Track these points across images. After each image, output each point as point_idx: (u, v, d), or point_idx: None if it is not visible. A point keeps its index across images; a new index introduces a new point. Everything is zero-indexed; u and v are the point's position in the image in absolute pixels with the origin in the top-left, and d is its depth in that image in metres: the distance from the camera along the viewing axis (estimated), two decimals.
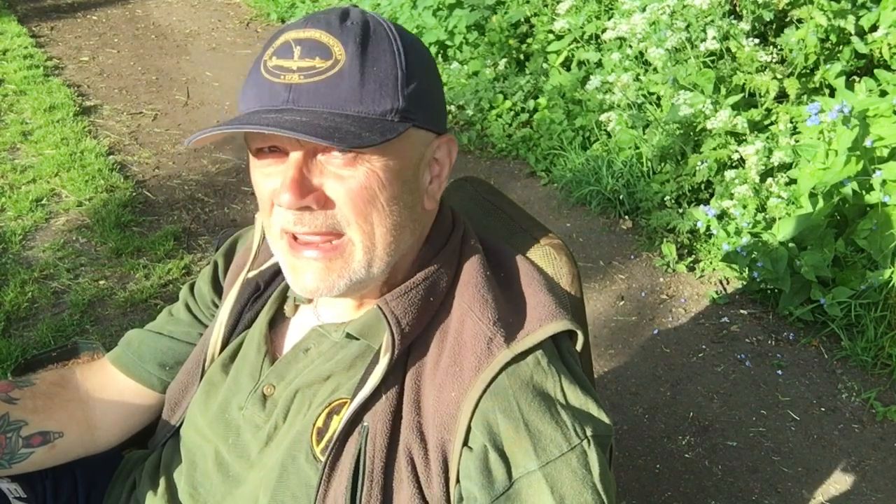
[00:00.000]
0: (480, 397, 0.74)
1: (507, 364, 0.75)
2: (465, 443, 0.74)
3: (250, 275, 0.96)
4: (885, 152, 2.23)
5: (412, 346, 0.80)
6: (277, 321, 0.95)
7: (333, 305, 0.89)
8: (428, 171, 0.80)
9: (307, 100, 0.71)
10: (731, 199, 2.49)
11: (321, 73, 0.71)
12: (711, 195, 2.70)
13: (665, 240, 2.63)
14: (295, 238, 0.77)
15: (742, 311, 2.35)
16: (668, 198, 2.70)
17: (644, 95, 2.92)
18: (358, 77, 0.71)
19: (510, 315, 0.79)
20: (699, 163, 2.61)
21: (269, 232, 0.80)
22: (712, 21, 2.72)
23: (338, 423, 0.80)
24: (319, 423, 0.82)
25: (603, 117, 2.96)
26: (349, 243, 0.76)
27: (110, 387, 1.01)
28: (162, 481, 0.95)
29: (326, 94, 0.71)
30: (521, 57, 3.77)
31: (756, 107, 2.72)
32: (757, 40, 2.69)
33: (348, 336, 0.84)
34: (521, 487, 0.72)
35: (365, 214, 0.74)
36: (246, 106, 0.75)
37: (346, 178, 0.73)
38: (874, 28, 2.59)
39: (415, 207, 0.79)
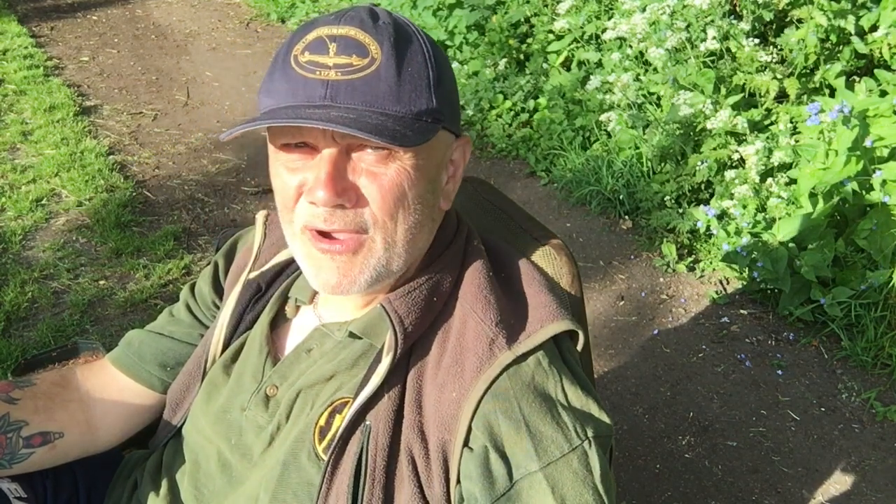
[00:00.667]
0: (482, 398, 0.74)
1: (509, 365, 0.75)
2: (466, 443, 0.74)
3: (251, 276, 0.96)
4: (885, 152, 2.23)
5: (414, 346, 0.80)
6: (279, 322, 0.95)
7: (336, 305, 0.89)
8: (446, 171, 0.82)
9: (346, 97, 0.71)
10: (731, 199, 2.49)
11: (359, 71, 0.71)
12: (711, 195, 2.70)
13: (665, 240, 2.63)
14: (320, 233, 0.76)
15: (742, 311, 2.35)
16: (668, 198, 2.70)
17: (644, 95, 2.92)
18: (395, 76, 0.72)
19: (512, 316, 0.79)
20: (699, 163, 2.61)
21: (289, 228, 0.79)
22: (712, 21, 2.72)
23: (340, 423, 0.80)
24: (322, 421, 0.82)
25: (603, 117, 2.96)
26: (371, 240, 0.76)
27: (111, 387, 1.01)
28: (164, 482, 0.95)
29: (366, 93, 0.71)
30: (521, 57, 3.77)
31: (756, 107, 2.72)
32: (757, 40, 2.69)
33: (351, 335, 0.84)
34: (522, 488, 0.72)
35: (392, 212, 0.75)
36: (276, 100, 0.74)
37: (379, 174, 0.74)
38: (874, 28, 2.59)
39: (434, 207, 0.80)
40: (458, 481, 0.75)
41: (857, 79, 2.62)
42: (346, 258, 0.76)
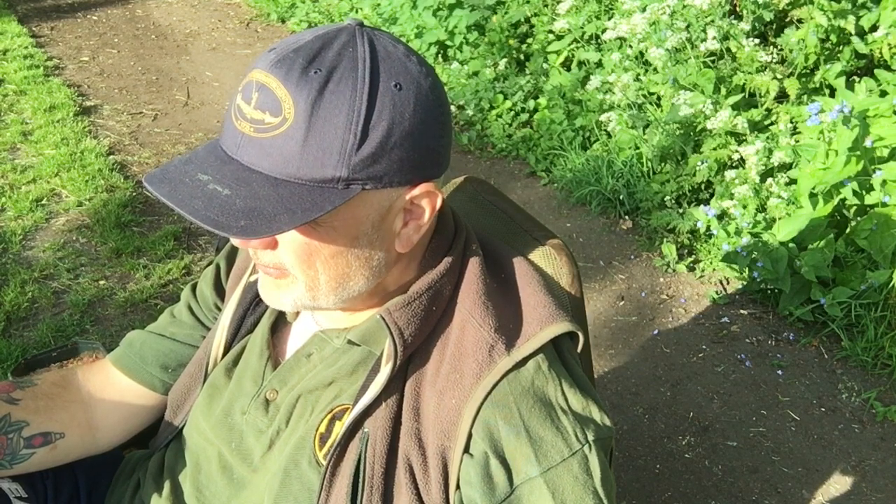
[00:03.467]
0: (481, 405, 0.74)
1: (508, 371, 0.75)
2: (466, 449, 0.74)
3: (252, 279, 0.96)
4: (885, 152, 2.23)
5: (413, 353, 0.80)
6: (279, 326, 0.95)
7: (330, 312, 0.89)
8: (400, 218, 0.76)
9: (251, 155, 0.69)
10: (732, 199, 2.49)
11: (268, 130, 0.68)
12: (711, 195, 2.70)
13: (665, 240, 2.63)
14: None
15: (742, 311, 2.35)
16: (668, 198, 2.70)
17: (644, 95, 2.92)
18: (301, 141, 0.67)
19: (510, 320, 0.79)
20: (699, 163, 2.61)
21: None
22: (712, 21, 2.72)
23: (340, 429, 0.80)
24: (322, 428, 0.82)
25: (603, 117, 2.96)
26: (294, 278, 0.77)
27: (112, 388, 1.01)
28: (166, 483, 0.95)
29: (268, 155, 0.68)
30: (521, 57, 3.77)
31: (756, 107, 2.72)
32: (757, 40, 2.69)
33: (350, 342, 0.84)
34: (523, 494, 0.72)
35: (308, 263, 0.75)
36: (220, 129, 0.77)
37: (291, 232, 0.72)
38: (874, 28, 2.59)
39: (373, 257, 0.76)
40: (458, 487, 0.75)
41: (857, 79, 2.62)
42: (272, 280, 0.79)
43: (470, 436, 0.74)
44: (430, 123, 0.72)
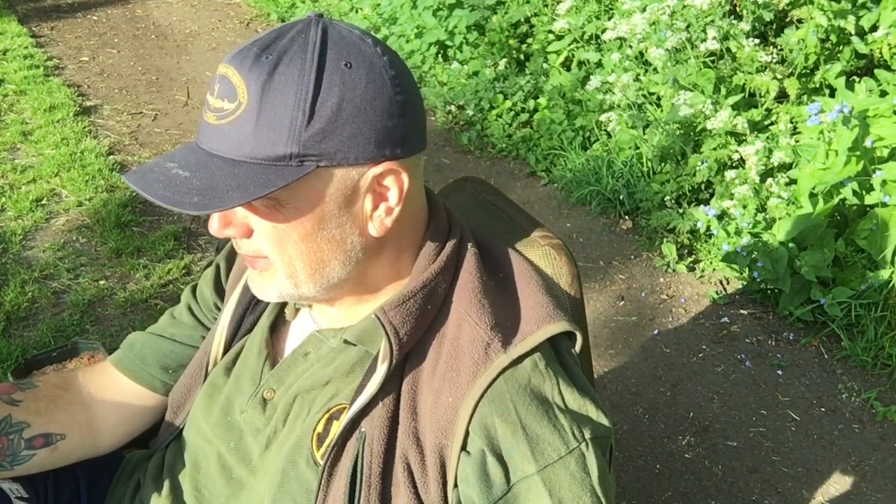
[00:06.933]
0: (478, 402, 0.74)
1: (505, 369, 0.75)
2: (464, 447, 0.74)
3: None
4: (885, 152, 2.23)
5: (409, 352, 0.80)
6: (278, 325, 0.95)
7: (327, 311, 0.89)
8: (370, 200, 0.76)
9: (213, 142, 0.73)
10: (732, 199, 2.49)
11: (226, 116, 0.71)
12: (711, 195, 2.70)
13: (665, 240, 2.63)
14: None
15: (742, 311, 2.35)
16: (668, 198, 2.70)
17: (644, 95, 2.92)
18: (254, 122, 0.70)
19: (508, 318, 0.79)
20: (699, 163, 2.62)
21: None
22: (712, 21, 2.72)
23: (337, 429, 0.80)
24: (320, 428, 0.82)
25: (603, 117, 2.96)
26: (274, 266, 0.79)
27: (112, 389, 1.02)
28: (166, 483, 0.95)
29: (227, 140, 0.72)
30: (521, 57, 3.77)
31: (756, 107, 2.72)
32: (757, 40, 2.69)
33: (346, 342, 0.84)
34: (520, 491, 0.72)
35: (281, 248, 0.76)
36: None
37: (261, 215, 0.75)
38: (874, 28, 2.59)
39: (345, 240, 0.77)
40: (456, 485, 0.75)
41: (857, 79, 2.62)
42: (257, 272, 0.81)
43: (467, 434, 0.74)
44: (384, 100, 0.73)
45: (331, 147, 0.71)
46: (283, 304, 0.95)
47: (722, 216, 2.53)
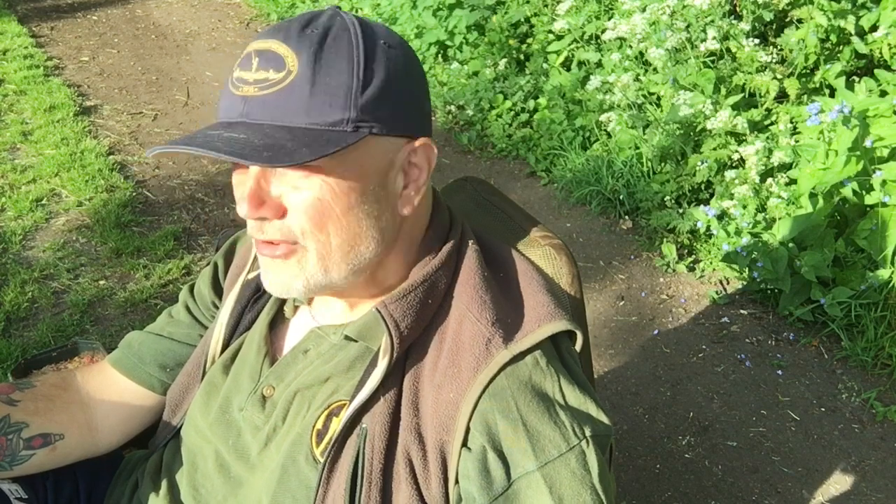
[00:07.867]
0: (479, 398, 0.74)
1: (506, 365, 0.75)
2: (464, 443, 0.74)
3: (250, 276, 0.96)
4: (885, 152, 2.23)
5: (410, 348, 0.80)
6: (277, 322, 0.95)
7: (328, 307, 0.89)
8: (402, 176, 0.79)
9: (258, 113, 0.71)
10: (731, 199, 2.49)
11: (273, 86, 0.71)
12: (711, 195, 2.70)
13: (665, 240, 2.63)
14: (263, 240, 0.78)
15: (742, 311, 2.35)
16: (668, 198, 2.70)
17: (644, 95, 2.92)
18: (308, 88, 0.70)
19: (509, 316, 0.79)
20: (699, 163, 2.61)
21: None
22: (712, 21, 2.73)
23: (337, 425, 0.80)
24: (319, 424, 0.82)
25: (603, 117, 2.96)
26: (304, 249, 0.76)
27: (111, 389, 1.01)
28: (164, 482, 0.95)
29: (276, 107, 0.71)
30: (521, 57, 3.77)
31: (756, 107, 2.72)
32: (757, 40, 2.69)
33: (346, 338, 0.84)
34: (520, 488, 0.72)
35: (320, 225, 0.75)
36: (216, 116, 0.76)
37: (302, 189, 0.73)
38: (874, 28, 2.59)
39: (381, 216, 0.78)
40: (457, 481, 0.75)
41: (857, 79, 2.62)
42: (280, 263, 0.77)
43: (468, 430, 0.74)
44: (420, 83, 0.79)
45: (383, 114, 0.74)
46: (283, 302, 0.95)
47: (722, 216, 2.53)
